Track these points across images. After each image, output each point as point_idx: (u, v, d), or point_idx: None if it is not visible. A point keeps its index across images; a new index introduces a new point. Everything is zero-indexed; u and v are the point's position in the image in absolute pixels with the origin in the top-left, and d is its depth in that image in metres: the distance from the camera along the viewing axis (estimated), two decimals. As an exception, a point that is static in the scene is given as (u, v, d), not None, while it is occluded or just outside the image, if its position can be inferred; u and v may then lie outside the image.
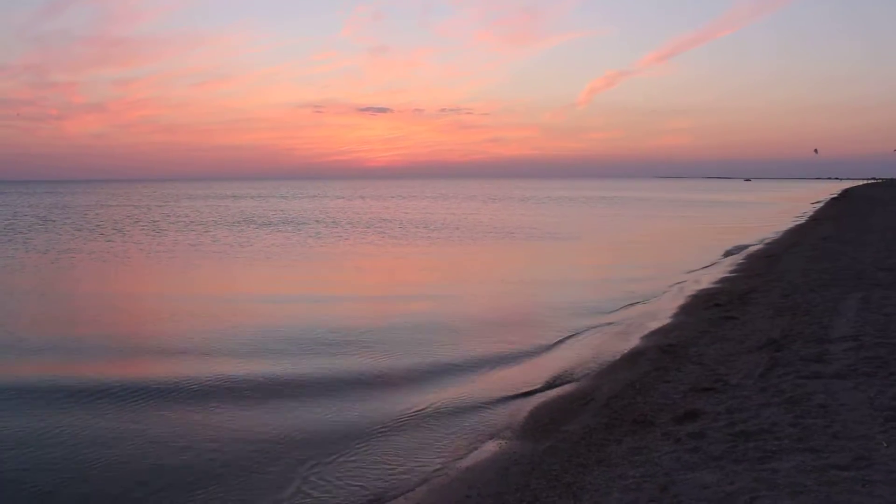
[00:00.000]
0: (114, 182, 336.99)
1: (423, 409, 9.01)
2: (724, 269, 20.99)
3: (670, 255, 26.67)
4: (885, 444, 5.90)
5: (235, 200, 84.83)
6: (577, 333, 13.12)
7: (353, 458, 7.54)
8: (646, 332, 12.74)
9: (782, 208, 63.14)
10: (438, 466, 7.32)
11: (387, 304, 17.21)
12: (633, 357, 10.95)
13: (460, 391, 9.74)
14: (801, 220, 42.04)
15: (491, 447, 7.76)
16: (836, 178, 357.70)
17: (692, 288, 17.74)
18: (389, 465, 7.41)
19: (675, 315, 14.24)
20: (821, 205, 62.65)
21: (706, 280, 19.00)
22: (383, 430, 8.33)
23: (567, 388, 9.78)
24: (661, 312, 14.66)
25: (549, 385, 9.96)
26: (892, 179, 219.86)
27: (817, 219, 41.80)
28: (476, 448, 7.78)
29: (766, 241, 29.42)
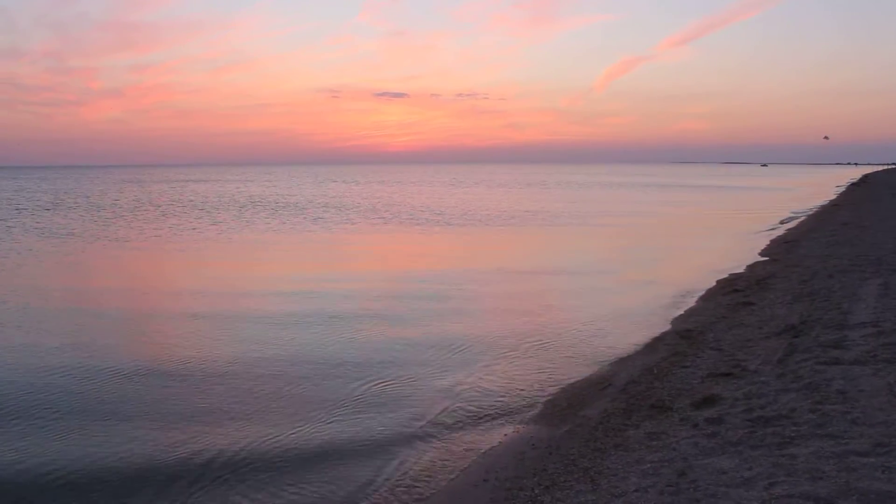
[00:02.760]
0: (130, 167, 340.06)
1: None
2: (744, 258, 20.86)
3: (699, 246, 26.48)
4: (905, 431, 5.86)
5: (247, 185, 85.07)
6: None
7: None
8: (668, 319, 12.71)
9: (803, 193, 62.49)
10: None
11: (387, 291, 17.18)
12: (651, 342, 10.94)
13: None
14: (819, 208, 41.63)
15: (508, 431, 7.79)
16: (855, 164, 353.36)
17: (713, 274, 17.63)
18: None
19: (694, 300, 14.19)
20: (841, 189, 61.97)
21: (725, 268, 18.88)
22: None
23: (585, 372, 9.80)
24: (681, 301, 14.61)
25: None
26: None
27: (837, 204, 41.38)
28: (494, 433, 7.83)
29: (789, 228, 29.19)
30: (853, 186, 66.62)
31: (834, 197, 51.24)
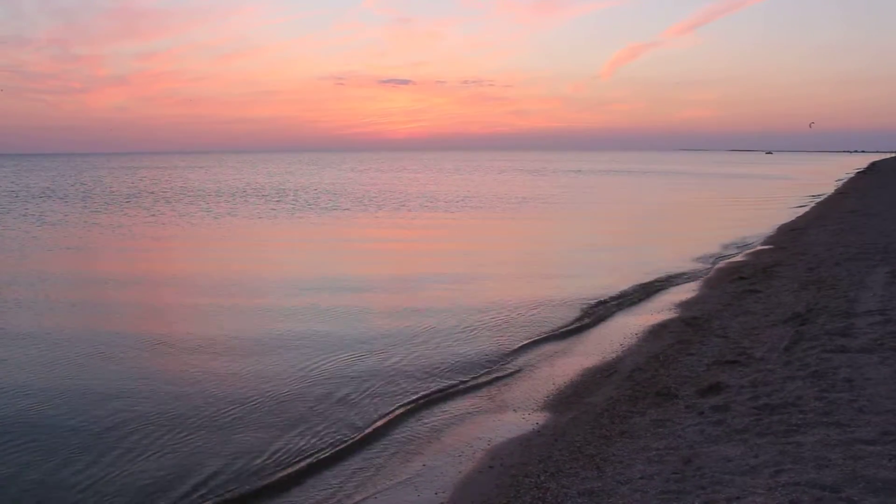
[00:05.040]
0: (136, 154, 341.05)
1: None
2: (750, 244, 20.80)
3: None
4: (912, 419, 5.84)
5: (248, 173, 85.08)
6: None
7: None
8: (670, 305, 12.69)
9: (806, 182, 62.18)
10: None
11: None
12: (656, 330, 10.92)
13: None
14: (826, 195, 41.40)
15: (514, 418, 7.80)
16: (863, 151, 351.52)
17: (717, 261, 17.60)
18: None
19: (699, 288, 14.16)
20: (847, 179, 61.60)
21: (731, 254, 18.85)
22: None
23: (589, 359, 9.79)
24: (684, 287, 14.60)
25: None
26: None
27: (844, 192, 41.19)
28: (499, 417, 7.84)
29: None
30: (860, 174, 66.23)
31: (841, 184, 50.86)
